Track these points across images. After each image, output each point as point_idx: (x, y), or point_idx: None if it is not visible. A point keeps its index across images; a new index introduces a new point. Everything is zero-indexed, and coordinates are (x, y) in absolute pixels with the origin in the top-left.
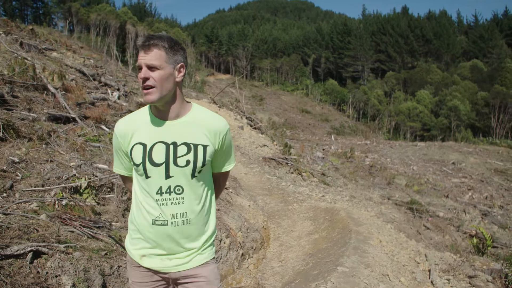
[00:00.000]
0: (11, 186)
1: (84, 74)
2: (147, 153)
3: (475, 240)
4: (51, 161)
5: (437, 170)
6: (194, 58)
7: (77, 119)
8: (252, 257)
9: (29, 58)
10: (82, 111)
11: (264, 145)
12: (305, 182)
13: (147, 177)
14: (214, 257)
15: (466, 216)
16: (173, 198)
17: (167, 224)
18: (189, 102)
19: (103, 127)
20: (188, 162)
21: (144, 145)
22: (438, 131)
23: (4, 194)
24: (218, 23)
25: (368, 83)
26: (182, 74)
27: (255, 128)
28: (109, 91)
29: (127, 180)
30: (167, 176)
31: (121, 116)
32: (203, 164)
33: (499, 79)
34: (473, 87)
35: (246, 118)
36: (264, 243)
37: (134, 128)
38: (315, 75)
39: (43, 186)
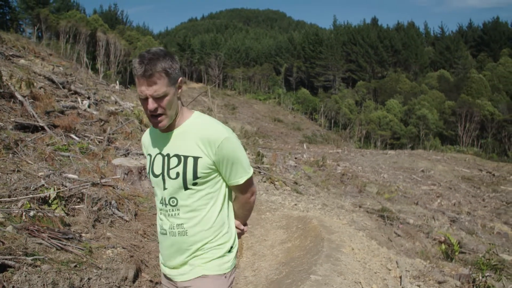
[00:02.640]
0: None
1: (53, 82)
2: (151, 164)
3: (444, 246)
4: (18, 171)
5: (407, 177)
6: None
7: (45, 127)
8: None
9: None
10: (51, 120)
11: None
12: (278, 191)
13: (153, 186)
14: (222, 273)
15: (435, 222)
16: (169, 209)
17: (166, 234)
18: (192, 110)
19: (73, 136)
20: (177, 174)
21: (150, 156)
22: (408, 139)
23: None
24: (191, 31)
25: (340, 92)
26: (182, 87)
27: None
28: (79, 99)
29: None
30: (164, 187)
31: (91, 125)
32: (195, 177)
33: (465, 89)
34: (441, 97)
35: None
36: (237, 253)
37: (148, 139)
38: (287, 84)
39: (9, 196)
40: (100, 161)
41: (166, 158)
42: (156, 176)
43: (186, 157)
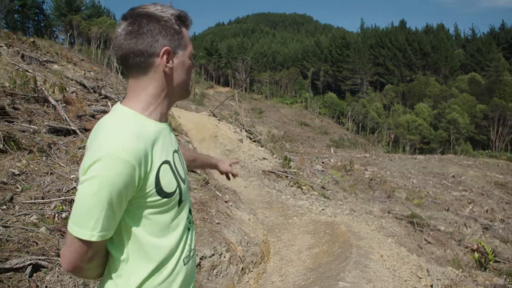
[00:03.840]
0: (11, 199)
1: (84, 86)
2: (175, 171)
3: (476, 254)
4: (51, 173)
5: (437, 183)
6: (194, 71)
7: (77, 131)
8: (252, 271)
9: (30, 71)
10: (83, 124)
11: (264, 158)
12: (305, 195)
13: (180, 203)
14: None
15: (467, 230)
16: (191, 221)
17: (193, 255)
18: None
19: None
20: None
21: (168, 163)
22: (437, 144)
23: (4, 207)
24: (218, 36)
25: (367, 96)
26: None
27: (254, 141)
28: (109, 103)
29: (102, 249)
30: (188, 193)
31: None
32: None
33: (497, 92)
34: (472, 100)
35: (246, 131)
36: (264, 257)
37: (149, 143)
38: (314, 88)
39: (43, 198)
40: None
41: (179, 152)
42: (184, 181)
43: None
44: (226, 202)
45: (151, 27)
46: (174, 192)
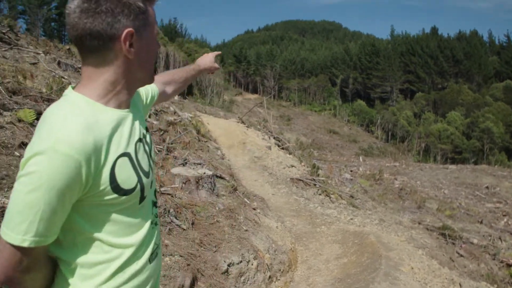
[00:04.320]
0: None
1: None
2: (137, 164)
3: None
4: None
5: (469, 194)
6: (223, 78)
7: None
8: (279, 279)
9: (66, 77)
10: None
11: (292, 166)
12: (333, 204)
13: (142, 200)
14: None
15: (502, 243)
16: (157, 215)
17: (159, 251)
18: None
19: None
20: (154, 155)
21: (128, 155)
22: (470, 153)
23: None
24: (247, 43)
25: (397, 104)
26: None
27: (282, 148)
28: None
29: (42, 258)
30: (151, 184)
31: (152, 135)
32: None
33: None
34: (507, 109)
35: (274, 138)
36: (291, 266)
37: (105, 134)
38: (343, 96)
39: None
40: (160, 169)
41: (144, 140)
42: (147, 174)
43: (146, 128)
44: (254, 209)
45: (111, 5)
46: (135, 188)
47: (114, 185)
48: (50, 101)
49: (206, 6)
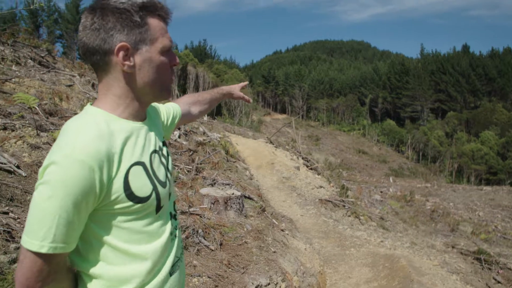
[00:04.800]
0: None
1: None
2: (152, 173)
3: None
4: None
5: (506, 216)
6: (252, 98)
7: None
8: None
9: None
10: None
11: (321, 186)
12: (363, 226)
13: (158, 210)
14: None
15: None
16: (177, 222)
17: (180, 264)
18: None
19: None
20: (172, 167)
21: (142, 164)
22: (506, 174)
23: None
24: (275, 63)
25: (428, 123)
26: None
27: (311, 169)
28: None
29: (65, 263)
30: (169, 195)
31: (181, 155)
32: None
33: None
34: None
35: (302, 158)
36: None
37: (118, 144)
38: (372, 115)
39: None
40: (189, 190)
41: (160, 152)
42: (164, 185)
43: (164, 142)
44: (282, 230)
45: (104, 21)
46: (150, 196)
47: (128, 193)
48: None
49: (235, 28)
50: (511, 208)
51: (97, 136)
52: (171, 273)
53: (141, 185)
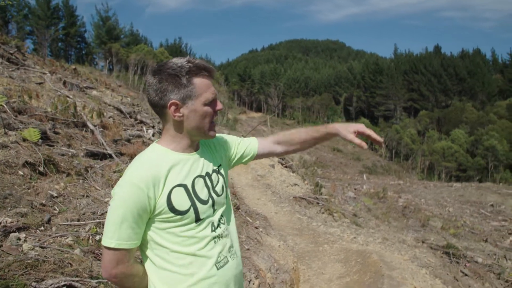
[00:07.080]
0: (49, 220)
1: (121, 111)
2: (192, 192)
3: None
4: (87, 196)
5: (474, 212)
6: (227, 97)
7: (113, 155)
8: None
9: (71, 96)
10: (118, 148)
11: (295, 184)
12: (336, 222)
13: (198, 220)
14: None
15: (508, 262)
16: (223, 230)
17: (228, 261)
18: None
19: None
20: (223, 188)
21: (184, 186)
22: (475, 171)
23: (42, 228)
24: (251, 62)
25: (401, 122)
26: None
27: (286, 167)
28: (144, 128)
29: (131, 257)
30: (213, 210)
31: None
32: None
33: None
34: (511, 126)
35: None
36: (293, 285)
37: (164, 170)
38: (346, 114)
39: (78, 220)
40: None
41: (207, 177)
42: (204, 202)
43: (219, 167)
44: (256, 228)
45: (160, 84)
46: (188, 210)
47: (170, 207)
48: (54, 120)
49: (210, 26)
50: (479, 204)
51: (147, 165)
52: (217, 267)
53: (181, 202)
